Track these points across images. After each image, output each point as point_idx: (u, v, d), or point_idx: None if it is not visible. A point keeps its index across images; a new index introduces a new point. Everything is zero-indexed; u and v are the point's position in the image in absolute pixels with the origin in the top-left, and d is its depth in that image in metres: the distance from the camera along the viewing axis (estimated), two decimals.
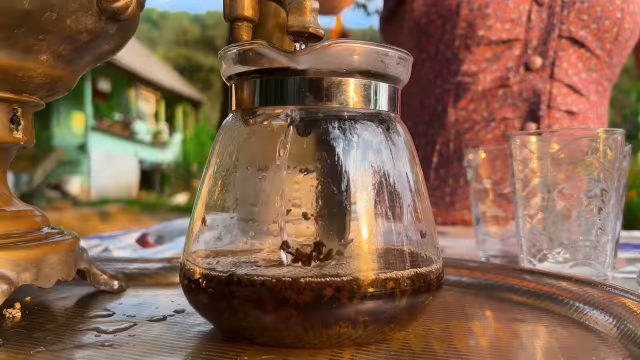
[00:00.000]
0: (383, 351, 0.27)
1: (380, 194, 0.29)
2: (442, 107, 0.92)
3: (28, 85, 0.34)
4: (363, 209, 0.28)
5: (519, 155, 0.45)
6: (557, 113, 0.87)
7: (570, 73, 0.88)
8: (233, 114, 0.32)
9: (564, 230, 0.43)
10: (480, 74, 0.89)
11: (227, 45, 0.30)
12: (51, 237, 0.35)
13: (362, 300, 0.26)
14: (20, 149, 0.37)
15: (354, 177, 0.28)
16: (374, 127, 0.29)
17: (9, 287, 0.30)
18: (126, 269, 0.44)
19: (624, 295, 0.33)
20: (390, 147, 0.30)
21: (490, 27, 0.87)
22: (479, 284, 0.41)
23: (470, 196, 0.58)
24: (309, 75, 0.28)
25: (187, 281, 0.29)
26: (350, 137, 0.28)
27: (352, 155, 0.28)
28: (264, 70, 0.29)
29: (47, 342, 0.28)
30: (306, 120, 0.28)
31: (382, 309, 0.27)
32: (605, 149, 0.42)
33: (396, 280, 0.27)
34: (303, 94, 0.28)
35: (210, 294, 0.28)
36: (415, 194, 0.30)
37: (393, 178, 0.29)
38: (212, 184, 0.31)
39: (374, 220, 0.28)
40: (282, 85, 0.29)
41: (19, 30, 0.31)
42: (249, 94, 0.30)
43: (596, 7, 0.86)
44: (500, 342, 0.29)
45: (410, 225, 0.29)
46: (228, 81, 0.32)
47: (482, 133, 0.89)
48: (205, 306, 0.29)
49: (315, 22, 0.31)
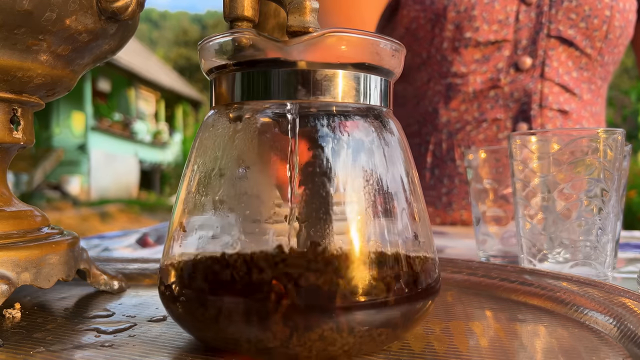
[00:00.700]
0: (383, 351, 0.27)
1: (373, 193, 0.27)
2: (433, 108, 0.93)
3: (28, 85, 0.34)
4: (355, 210, 0.26)
5: (519, 155, 0.45)
6: (550, 112, 0.87)
7: (561, 72, 0.88)
8: (215, 110, 0.29)
9: (564, 230, 0.43)
10: (470, 75, 0.89)
11: (206, 37, 0.29)
12: (51, 237, 0.35)
13: (355, 309, 0.24)
14: (20, 149, 0.37)
15: (345, 176, 0.27)
16: (365, 123, 0.28)
17: (9, 287, 0.30)
18: (126, 269, 0.44)
19: (624, 295, 0.33)
20: (383, 146, 0.28)
21: (477, 29, 0.87)
22: (479, 284, 0.41)
23: (470, 196, 0.58)
24: (300, 67, 0.26)
25: (163, 287, 0.28)
26: (340, 133, 0.27)
27: (344, 153, 0.27)
28: (246, 62, 0.27)
29: (47, 343, 0.28)
30: (295, 115, 0.27)
31: (375, 317, 0.25)
32: (605, 149, 0.42)
33: (391, 287, 0.25)
34: (293, 87, 0.26)
35: (186, 302, 0.26)
36: (411, 194, 0.29)
37: (386, 177, 0.27)
38: (192, 185, 0.29)
39: (367, 223, 0.26)
40: (268, 78, 0.27)
41: (18, 30, 0.31)
42: (230, 88, 0.28)
43: (584, 6, 0.86)
44: (500, 342, 0.29)
45: (405, 227, 0.28)
46: (208, 75, 0.30)
47: (474, 133, 0.90)
48: (181, 315, 0.27)
49: (315, 22, 0.31)
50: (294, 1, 0.31)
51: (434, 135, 0.93)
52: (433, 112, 0.93)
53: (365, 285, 0.25)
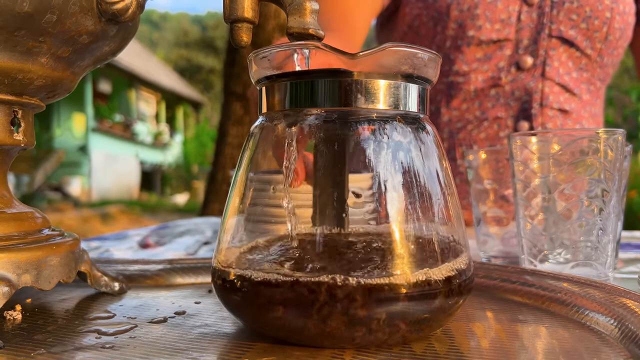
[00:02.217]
0: (384, 352, 0.27)
1: (412, 193, 0.29)
2: (435, 107, 0.94)
3: (28, 87, 0.34)
4: (396, 209, 0.28)
5: (520, 156, 0.45)
6: (550, 111, 0.88)
7: (562, 72, 0.89)
8: (265, 117, 0.31)
9: (565, 231, 0.43)
10: (472, 74, 0.90)
11: (260, 49, 0.30)
12: (52, 239, 0.35)
13: (394, 301, 0.26)
14: (20, 151, 0.37)
15: (387, 177, 0.29)
16: (406, 129, 0.30)
17: (10, 289, 0.30)
18: (127, 270, 0.44)
19: (625, 296, 0.33)
20: (421, 148, 0.30)
21: (480, 28, 0.88)
22: (480, 284, 0.41)
23: (470, 197, 0.58)
24: (360, 78, 0.28)
25: (220, 281, 0.30)
26: (383, 138, 0.29)
27: (390, 157, 0.29)
28: (294, 73, 0.29)
29: (48, 344, 0.28)
30: (342, 122, 0.29)
31: (412, 310, 0.27)
32: (606, 149, 0.42)
33: (430, 282, 0.27)
34: (354, 95, 0.28)
35: (244, 293, 0.28)
36: (447, 194, 0.31)
37: (424, 179, 0.29)
38: (243, 188, 0.31)
39: (407, 221, 0.28)
40: (316, 87, 0.28)
41: (19, 32, 0.31)
42: (281, 97, 0.29)
43: (585, 7, 0.87)
44: (501, 343, 0.29)
45: (441, 225, 0.30)
46: (258, 84, 0.31)
47: (475, 132, 0.90)
48: (237, 305, 0.29)
49: (315, 23, 0.31)
50: (294, 3, 0.31)
51: None
52: (435, 111, 0.94)
53: (407, 280, 0.27)
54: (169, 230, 0.83)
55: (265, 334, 0.29)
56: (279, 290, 0.27)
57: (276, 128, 0.31)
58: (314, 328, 0.27)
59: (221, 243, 0.31)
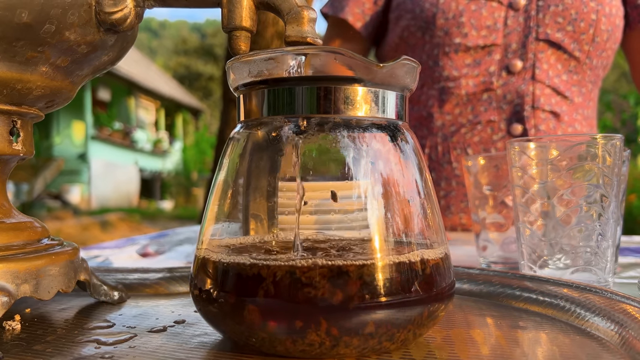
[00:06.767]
0: None
1: (391, 202, 0.29)
2: (428, 112, 0.95)
3: (27, 97, 0.34)
4: (375, 218, 0.28)
5: (518, 162, 0.45)
6: (542, 114, 0.89)
7: (551, 75, 0.90)
8: (242, 124, 0.31)
9: (564, 237, 0.43)
10: (462, 79, 0.91)
11: (249, 52, 0.30)
12: (51, 248, 0.35)
13: (374, 309, 0.26)
14: (19, 160, 0.37)
15: (366, 185, 0.28)
16: (384, 136, 0.30)
17: (9, 299, 0.30)
18: (126, 279, 0.44)
19: (625, 301, 0.33)
20: (400, 155, 0.30)
21: (465, 35, 0.91)
22: (479, 291, 0.41)
23: (470, 203, 0.58)
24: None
25: (197, 291, 0.29)
26: (360, 145, 0.29)
27: (368, 164, 0.29)
28: (277, 79, 0.29)
29: (47, 355, 0.28)
30: (319, 128, 0.29)
31: (394, 318, 0.27)
32: (604, 154, 0.42)
33: (409, 289, 0.27)
34: (332, 103, 0.28)
35: (221, 304, 0.28)
36: (426, 201, 0.30)
37: (403, 187, 0.29)
38: (221, 195, 0.31)
39: (386, 229, 0.28)
40: (292, 95, 0.28)
41: (17, 43, 0.31)
42: (259, 104, 0.29)
43: (570, 10, 0.89)
44: (501, 350, 0.29)
45: (420, 233, 0.30)
46: (236, 91, 0.31)
47: (469, 136, 0.92)
48: (215, 317, 0.29)
49: (313, 31, 0.31)
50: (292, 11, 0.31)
51: (429, 138, 0.96)
52: (428, 116, 0.95)
53: (387, 288, 0.27)
54: (169, 238, 0.83)
55: (244, 346, 0.29)
56: (258, 299, 0.27)
57: (255, 135, 0.31)
58: (293, 345, 0.27)
59: (200, 251, 0.31)
